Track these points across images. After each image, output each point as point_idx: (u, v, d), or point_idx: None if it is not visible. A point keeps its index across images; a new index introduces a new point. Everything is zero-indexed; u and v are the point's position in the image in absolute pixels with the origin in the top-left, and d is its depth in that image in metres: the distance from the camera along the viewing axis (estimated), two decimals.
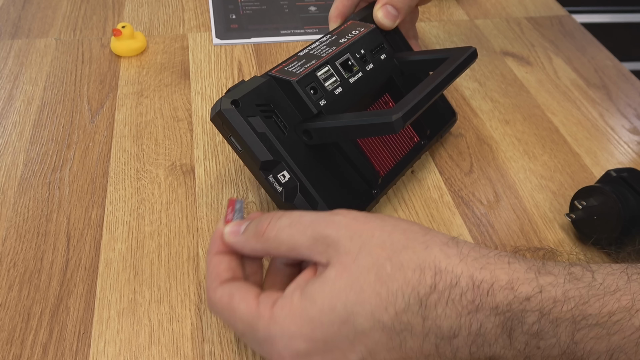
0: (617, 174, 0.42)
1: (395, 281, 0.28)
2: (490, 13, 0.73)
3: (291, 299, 0.30)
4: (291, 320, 0.29)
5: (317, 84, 0.41)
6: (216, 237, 0.34)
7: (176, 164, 0.48)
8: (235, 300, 0.31)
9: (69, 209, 0.44)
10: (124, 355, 0.35)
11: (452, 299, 0.28)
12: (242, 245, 0.33)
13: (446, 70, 0.40)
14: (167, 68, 0.59)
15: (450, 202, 0.47)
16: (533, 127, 0.55)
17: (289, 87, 0.40)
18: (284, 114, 0.40)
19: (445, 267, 0.28)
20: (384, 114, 0.36)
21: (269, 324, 0.29)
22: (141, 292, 0.39)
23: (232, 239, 0.33)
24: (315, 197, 0.39)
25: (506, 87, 0.60)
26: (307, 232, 0.31)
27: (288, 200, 0.39)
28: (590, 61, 0.65)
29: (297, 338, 0.29)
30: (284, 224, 0.32)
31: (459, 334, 0.28)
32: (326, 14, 0.70)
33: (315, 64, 0.42)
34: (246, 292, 0.31)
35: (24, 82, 0.57)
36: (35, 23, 0.66)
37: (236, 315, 0.31)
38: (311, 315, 0.29)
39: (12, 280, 0.39)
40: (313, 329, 0.29)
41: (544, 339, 0.27)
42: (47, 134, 0.51)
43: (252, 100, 0.39)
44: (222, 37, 0.64)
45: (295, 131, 0.40)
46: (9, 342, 0.36)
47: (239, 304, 0.31)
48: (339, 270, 0.29)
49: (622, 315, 0.27)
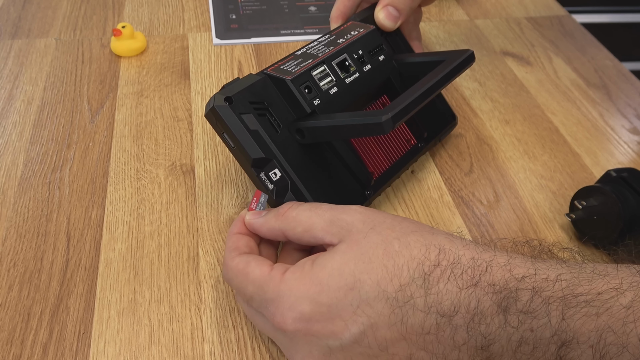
0: (617, 174, 0.42)
1: (402, 256, 0.30)
2: (490, 13, 0.73)
3: (302, 266, 0.31)
4: (300, 282, 0.30)
5: (312, 83, 0.41)
6: (238, 220, 0.37)
7: (176, 164, 0.48)
8: (251, 266, 0.33)
9: (69, 209, 0.44)
10: (124, 355, 0.35)
11: (453, 275, 0.29)
12: (261, 225, 0.35)
13: (441, 73, 0.40)
14: (167, 68, 0.59)
15: (450, 202, 0.47)
16: (533, 127, 0.55)
17: (284, 86, 0.40)
18: (277, 112, 0.40)
19: (449, 248, 0.30)
20: (374, 115, 0.36)
21: (279, 284, 0.31)
22: (141, 292, 0.39)
23: (253, 220, 0.36)
24: (306, 196, 0.39)
25: (506, 87, 0.60)
26: (324, 215, 0.33)
27: (279, 198, 0.39)
28: (590, 61, 0.65)
29: (303, 299, 0.30)
30: (304, 207, 0.34)
31: (458, 311, 0.29)
32: (326, 14, 0.70)
33: (311, 64, 0.42)
34: (262, 261, 0.33)
35: (24, 82, 0.57)
36: (35, 23, 0.66)
37: (249, 278, 0.32)
38: (320, 278, 0.30)
39: (12, 280, 0.39)
40: (320, 292, 0.30)
41: (536, 317, 0.28)
42: (47, 134, 0.51)
43: (245, 97, 0.39)
44: (222, 37, 0.64)
45: (289, 130, 0.40)
46: (9, 342, 0.36)
47: (253, 269, 0.32)
48: (349, 244, 0.31)
49: (611, 295, 0.28)
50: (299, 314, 0.30)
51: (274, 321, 0.31)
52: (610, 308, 0.27)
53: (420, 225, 0.32)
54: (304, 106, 0.40)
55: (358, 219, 0.32)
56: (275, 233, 0.35)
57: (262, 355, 0.36)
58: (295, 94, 0.40)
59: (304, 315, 0.30)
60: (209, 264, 0.41)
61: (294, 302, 0.30)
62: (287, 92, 0.40)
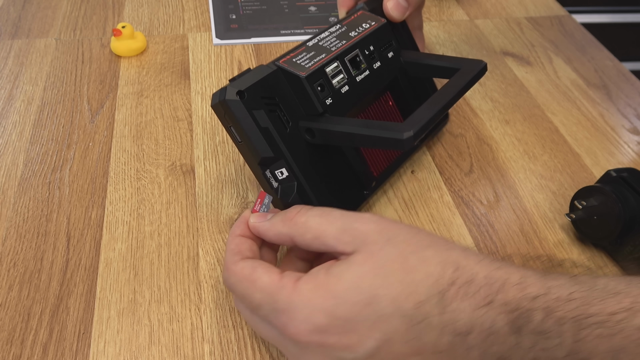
0: (617, 174, 0.42)
1: (418, 272, 0.29)
2: (490, 13, 0.73)
3: (316, 275, 0.30)
4: (315, 293, 0.29)
5: (325, 82, 0.40)
6: (241, 221, 0.35)
7: (176, 164, 0.48)
8: (258, 272, 0.31)
9: (69, 209, 0.44)
10: (124, 355, 0.35)
11: (468, 294, 0.29)
12: (267, 229, 0.34)
13: (457, 86, 0.40)
14: (167, 68, 0.59)
15: (450, 202, 0.47)
16: (533, 127, 0.55)
17: (297, 82, 0.39)
18: (287, 109, 0.39)
19: (465, 266, 0.30)
20: (394, 129, 0.35)
21: (291, 294, 0.30)
22: (141, 292, 0.39)
23: (258, 223, 0.34)
24: (311, 197, 0.39)
25: (506, 87, 0.60)
26: (336, 223, 0.32)
27: (284, 198, 0.39)
28: (590, 61, 0.65)
29: (319, 312, 0.29)
30: (314, 213, 0.33)
31: (473, 330, 0.29)
32: (326, 14, 0.70)
33: (325, 59, 0.41)
34: (269, 267, 0.32)
35: (24, 82, 0.57)
36: (35, 23, 0.66)
37: (256, 286, 0.31)
38: (337, 290, 0.29)
39: (12, 280, 0.39)
40: (337, 305, 0.29)
41: (549, 338, 0.28)
42: (47, 134, 0.51)
43: (257, 92, 0.37)
44: (222, 37, 0.64)
45: (297, 127, 0.39)
46: (9, 342, 0.36)
47: (261, 276, 0.31)
48: (365, 256, 0.30)
49: (623, 316, 0.27)
50: (314, 326, 0.29)
51: (285, 332, 0.30)
52: (623, 329, 0.27)
53: (435, 239, 0.32)
54: (316, 105, 0.39)
55: (373, 229, 0.31)
56: (282, 238, 0.34)
57: (262, 355, 0.36)
58: (309, 92, 0.39)
59: (320, 328, 0.29)
60: (209, 264, 0.41)
61: (309, 314, 0.29)
62: (300, 89, 0.39)
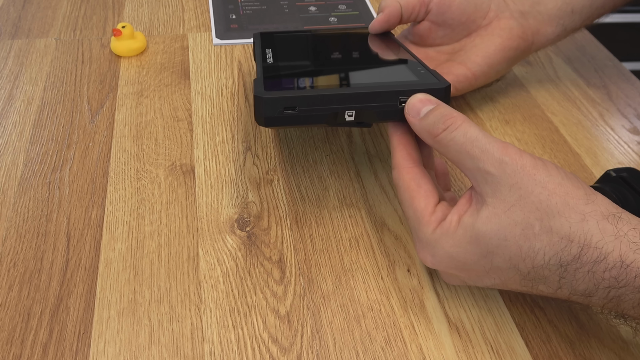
0: (617, 174, 0.42)
1: (539, 241, 0.30)
2: None
3: (449, 224, 0.34)
4: (445, 239, 0.34)
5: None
6: (413, 106, 0.36)
7: (176, 164, 0.48)
8: (421, 193, 0.35)
9: (69, 209, 0.44)
10: (124, 355, 0.35)
11: (593, 271, 0.29)
12: (417, 129, 0.36)
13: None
14: (167, 68, 0.60)
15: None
16: (533, 127, 0.55)
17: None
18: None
19: (595, 244, 0.29)
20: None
21: (430, 234, 0.34)
22: (141, 292, 0.39)
23: (411, 117, 0.36)
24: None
25: (506, 87, 0.60)
26: (473, 159, 0.32)
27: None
28: (590, 61, 0.65)
29: (444, 255, 0.34)
30: (457, 140, 0.33)
31: (594, 294, 0.29)
32: (326, 14, 0.70)
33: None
34: (430, 194, 0.35)
35: (24, 82, 0.57)
36: (35, 23, 0.66)
37: (413, 205, 0.35)
38: (460, 240, 0.33)
39: (12, 280, 0.39)
40: (458, 252, 0.33)
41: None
42: (47, 134, 0.51)
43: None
44: (222, 37, 0.64)
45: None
46: (9, 342, 0.36)
47: (419, 200, 0.35)
48: (490, 215, 0.32)
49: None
50: (437, 262, 0.35)
51: (416, 249, 0.36)
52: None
53: (572, 201, 0.30)
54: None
55: (505, 182, 0.31)
56: (428, 143, 0.35)
57: (262, 355, 0.36)
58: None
59: (441, 264, 0.35)
60: (209, 264, 0.41)
61: (435, 253, 0.34)
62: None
